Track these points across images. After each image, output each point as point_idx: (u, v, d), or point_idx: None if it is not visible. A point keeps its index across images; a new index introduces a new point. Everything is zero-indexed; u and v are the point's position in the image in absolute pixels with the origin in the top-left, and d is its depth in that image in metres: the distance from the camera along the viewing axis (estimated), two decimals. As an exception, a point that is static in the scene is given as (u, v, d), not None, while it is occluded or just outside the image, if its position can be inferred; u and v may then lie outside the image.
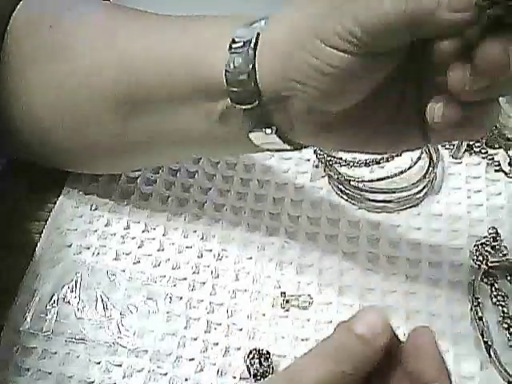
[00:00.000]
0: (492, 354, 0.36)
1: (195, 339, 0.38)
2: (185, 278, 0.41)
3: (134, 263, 0.41)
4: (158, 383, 0.36)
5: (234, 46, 0.32)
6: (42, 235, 0.43)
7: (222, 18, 0.37)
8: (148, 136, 0.38)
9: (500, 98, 0.29)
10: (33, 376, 0.36)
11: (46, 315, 0.38)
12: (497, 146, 0.48)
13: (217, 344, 0.37)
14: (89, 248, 0.42)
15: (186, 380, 0.36)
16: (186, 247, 0.42)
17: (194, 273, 0.41)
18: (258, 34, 0.32)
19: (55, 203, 0.45)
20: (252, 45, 0.31)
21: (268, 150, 0.35)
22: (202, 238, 0.43)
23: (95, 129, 0.39)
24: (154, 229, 0.43)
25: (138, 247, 0.42)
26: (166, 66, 0.35)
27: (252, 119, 0.33)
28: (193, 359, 0.37)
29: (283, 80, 0.31)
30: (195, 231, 0.43)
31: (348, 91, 0.29)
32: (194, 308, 0.39)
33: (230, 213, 0.44)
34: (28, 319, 0.38)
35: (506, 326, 0.37)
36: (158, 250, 0.42)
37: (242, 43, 0.32)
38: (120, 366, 0.37)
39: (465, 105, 0.27)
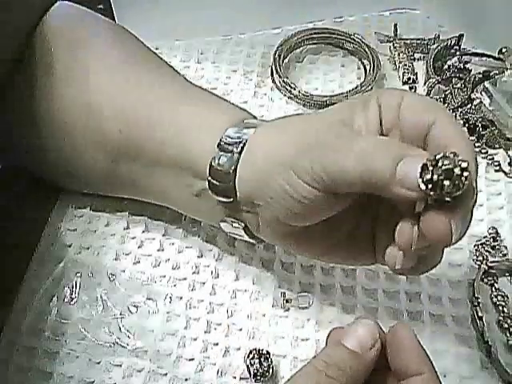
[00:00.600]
0: (492, 354, 0.36)
1: (195, 339, 0.38)
2: (185, 278, 0.41)
3: (133, 263, 0.41)
4: (158, 383, 0.36)
5: (222, 143, 0.35)
6: (42, 235, 0.43)
7: (222, 105, 0.39)
8: (133, 182, 0.40)
9: (500, 98, 0.30)
10: (33, 376, 0.36)
11: (46, 315, 0.38)
12: (497, 146, 0.48)
13: (217, 344, 0.37)
14: (89, 248, 0.42)
15: (186, 380, 0.36)
16: (186, 247, 0.42)
17: (193, 273, 0.41)
18: (246, 141, 0.34)
19: (55, 203, 0.45)
20: (239, 149, 0.34)
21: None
22: (202, 238, 0.43)
23: (87, 162, 0.41)
24: (154, 229, 0.43)
25: (138, 247, 0.42)
26: (160, 133, 0.37)
27: (224, 210, 0.36)
28: (193, 359, 0.37)
29: (257, 192, 0.33)
30: (195, 231, 0.43)
31: (311, 215, 0.32)
32: (193, 308, 0.39)
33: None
34: (28, 319, 0.38)
35: (506, 326, 0.37)
36: (158, 250, 0.42)
37: (230, 142, 0.34)
38: (120, 366, 0.37)
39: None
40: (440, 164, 0.25)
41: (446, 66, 0.54)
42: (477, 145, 0.48)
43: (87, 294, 0.40)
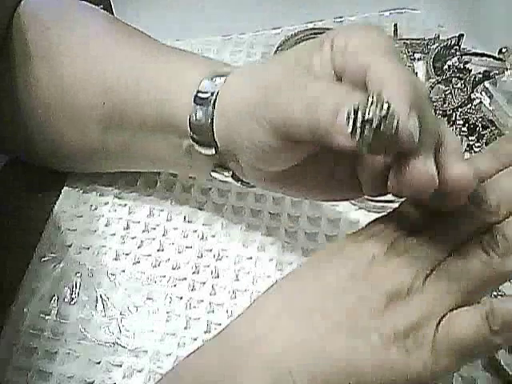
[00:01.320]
0: (492, 354, 0.36)
1: (195, 339, 0.38)
2: (185, 278, 0.41)
3: (133, 263, 0.41)
4: (158, 383, 0.36)
5: (198, 97, 0.35)
6: (42, 235, 0.43)
7: (195, 58, 0.39)
8: (124, 149, 0.41)
9: (500, 98, 0.29)
10: (33, 376, 0.36)
11: (46, 315, 0.38)
12: (497, 146, 0.48)
13: (217, 344, 0.37)
14: (89, 248, 0.42)
15: (186, 380, 0.36)
16: (186, 247, 0.42)
17: (193, 273, 0.41)
18: (218, 93, 0.34)
19: (55, 203, 0.45)
20: (212, 101, 0.34)
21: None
22: (202, 238, 0.43)
23: (72, 140, 0.41)
24: (154, 229, 0.43)
25: (138, 247, 0.42)
26: (140, 98, 0.38)
27: (212, 161, 0.37)
28: (193, 359, 0.37)
29: (232, 142, 0.34)
30: (195, 231, 0.43)
31: (280, 161, 0.32)
32: (193, 308, 0.39)
33: (230, 213, 0.44)
34: (28, 319, 0.38)
35: (505, 326, 0.37)
36: (158, 250, 0.42)
37: (204, 96, 0.34)
38: (120, 366, 0.37)
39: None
40: (362, 111, 0.23)
41: (446, 66, 0.54)
42: (477, 145, 0.48)
43: (87, 294, 0.40)
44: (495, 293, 0.39)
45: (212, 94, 0.34)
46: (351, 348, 0.25)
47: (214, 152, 0.35)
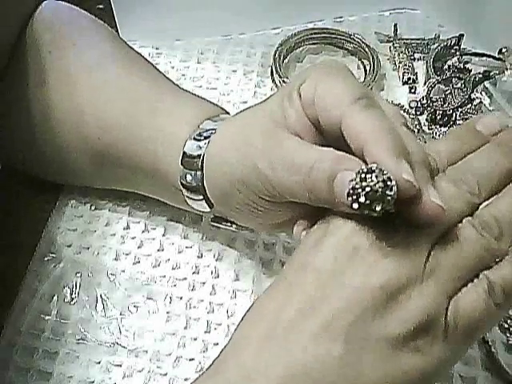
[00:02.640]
0: (492, 354, 0.36)
1: (195, 339, 0.38)
2: (185, 278, 0.41)
3: (133, 263, 0.41)
4: (158, 383, 0.36)
5: (185, 160, 0.34)
6: (42, 235, 0.43)
7: (185, 110, 0.37)
8: (118, 182, 0.42)
9: (500, 98, 0.29)
10: (33, 376, 0.36)
11: (46, 315, 0.38)
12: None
13: (217, 344, 0.37)
14: (89, 248, 0.42)
15: (186, 380, 0.36)
16: (186, 247, 0.42)
17: (194, 273, 0.41)
18: (204, 155, 0.34)
19: (55, 203, 0.45)
20: (199, 166, 0.34)
21: None
22: (202, 238, 0.43)
23: (73, 162, 0.41)
24: (154, 229, 0.43)
25: (138, 247, 0.42)
26: (136, 144, 0.37)
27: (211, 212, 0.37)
28: (193, 359, 0.37)
29: (222, 201, 0.34)
30: (195, 231, 0.43)
31: (272, 217, 0.32)
32: (193, 308, 0.39)
33: (230, 213, 0.44)
34: (28, 319, 0.38)
35: (506, 326, 0.37)
36: (158, 250, 0.42)
37: (191, 161, 0.34)
38: (120, 366, 0.37)
39: None
40: (365, 184, 0.24)
41: (446, 66, 0.54)
42: (477, 145, 0.48)
43: (87, 294, 0.40)
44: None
45: (199, 157, 0.34)
46: (356, 359, 0.23)
47: (208, 209, 0.36)
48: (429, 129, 0.50)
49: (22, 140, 0.42)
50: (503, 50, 0.52)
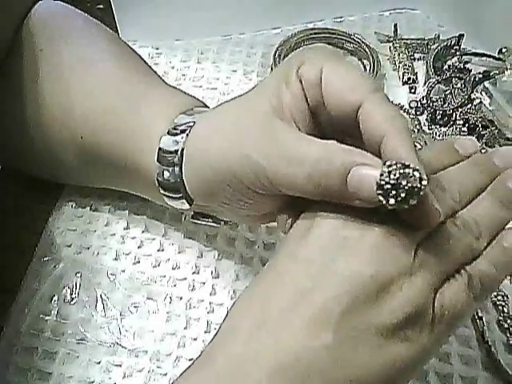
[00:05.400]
0: (492, 354, 0.36)
1: (195, 339, 0.38)
2: (185, 278, 0.41)
3: (133, 263, 0.41)
4: (158, 383, 0.36)
5: (161, 156, 0.33)
6: (42, 235, 0.43)
7: (161, 106, 0.37)
8: (103, 181, 0.42)
9: (500, 98, 0.29)
10: (33, 376, 0.36)
11: (46, 315, 0.38)
12: (497, 145, 0.48)
13: (217, 344, 0.37)
14: (89, 248, 0.42)
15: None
16: (186, 247, 0.42)
17: (193, 273, 0.41)
18: (182, 150, 0.32)
19: (55, 203, 0.45)
20: (177, 162, 0.33)
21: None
22: (202, 238, 0.43)
23: (62, 160, 0.41)
24: (154, 229, 0.43)
25: (138, 247, 0.42)
26: (117, 143, 0.37)
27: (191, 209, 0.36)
28: (193, 359, 0.37)
29: (209, 200, 0.33)
30: (195, 231, 0.43)
31: (265, 209, 0.32)
32: (193, 308, 0.39)
33: (230, 213, 0.44)
34: (28, 319, 0.38)
35: (506, 326, 0.37)
36: (158, 250, 0.42)
37: (168, 156, 0.33)
38: (120, 366, 0.37)
39: None
40: (394, 176, 0.24)
41: (445, 66, 0.54)
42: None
43: (87, 294, 0.40)
44: (495, 293, 0.39)
45: (176, 152, 0.33)
46: (346, 348, 0.24)
47: (188, 207, 0.34)
48: (429, 129, 0.50)
49: (16, 137, 0.43)
50: (503, 50, 0.52)
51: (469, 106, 0.50)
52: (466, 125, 0.49)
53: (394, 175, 0.24)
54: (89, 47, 0.41)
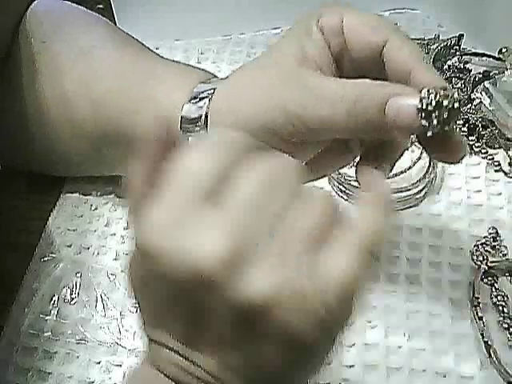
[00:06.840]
0: (492, 354, 0.36)
1: (195, 339, 0.38)
2: (185, 278, 0.40)
3: (133, 263, 0.41)
4: (158, 383, 0.36)
5: (184, 126, 0.33)
6: (42, 235, 0.43)
7: (175, 80, 0.37)
8: (119, 164, 0.40)
9: (500, 98, 0.30)
10: (33, 376, 0.36)
11: (46, 315, 0.38)
12: (497, 145, 0.48)
13: (217, 344, 0.37)
14: (89, 248, 0.42)
15: (186, 380, 0.36)
16: (186, 247, 0.42)
17: (193, 273, 0.41)
18: (206, 115, 0.33)
19: (55, 203, 0.45)
20: (202, 125, 0.33)
21: None
22: (202, 238, 0.43)
23: (69, 150, 0.41)
24: (154, 229, 0.43)
25: (138, 247, 0.42)
26: (128, 118, 0.37)
27: None
28: (193, 359, 0.37)
29: None
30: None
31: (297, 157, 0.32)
32: (193, 308, 0.39)
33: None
34: (28, 319, 0.38)
35: (506, 325, 0.37)
36: (158, 250, 0.42)
37: (191, 120, 0.33)
38: (120, 366, 0.37)
39: None
40: (433, 99, 0.26)
41: (446, 66, 0.54)
42: (477, 145, 0.48)
43: (87, 294, 0.39)
44: (495, 293, 0.39)
45: (199, 118, 0.33)
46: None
47: None
48: (429, 129, 0.50)
49: (18, 133, 0.43)
50: (503, 50, 0.52)
51: (469, 105, 0.50)
52: (466, 125, 0.49)
53: (435, 97, 0.26)
54: (90, 34, 0.41)
